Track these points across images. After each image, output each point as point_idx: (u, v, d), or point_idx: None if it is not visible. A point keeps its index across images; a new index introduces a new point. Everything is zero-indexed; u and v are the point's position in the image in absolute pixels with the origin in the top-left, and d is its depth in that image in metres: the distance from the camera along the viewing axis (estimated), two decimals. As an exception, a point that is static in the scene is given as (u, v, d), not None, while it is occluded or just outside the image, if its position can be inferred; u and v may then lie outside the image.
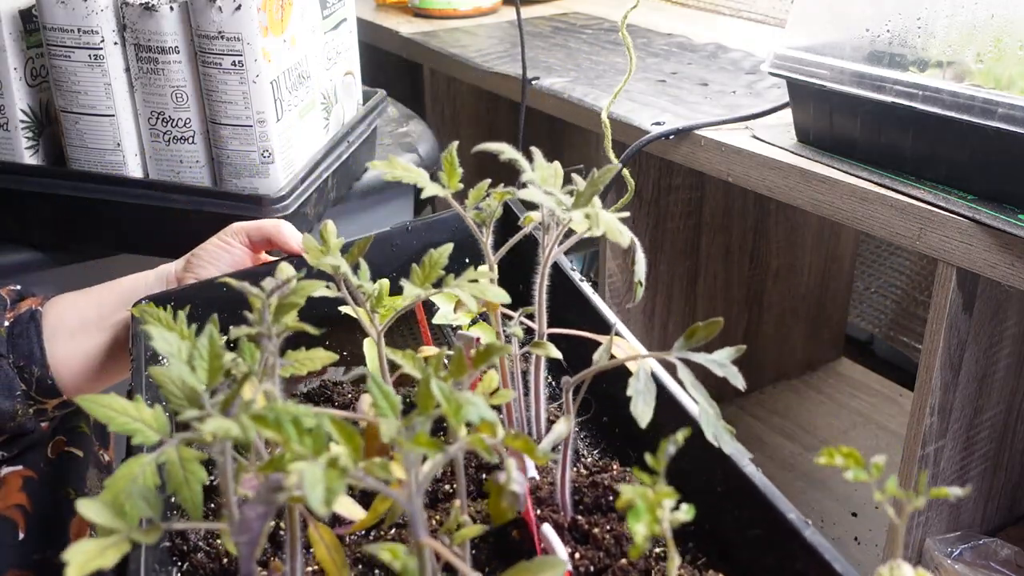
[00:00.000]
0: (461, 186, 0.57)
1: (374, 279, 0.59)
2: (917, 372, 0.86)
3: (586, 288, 0.67)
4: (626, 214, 0.49)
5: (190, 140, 0.94)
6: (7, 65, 0.91)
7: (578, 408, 0.52)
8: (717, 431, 0.46)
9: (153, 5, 0.88)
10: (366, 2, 1.75)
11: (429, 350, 0.61)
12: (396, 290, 0.58)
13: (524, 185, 0.51)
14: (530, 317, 0.56)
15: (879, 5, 0.84)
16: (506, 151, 0.52)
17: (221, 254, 0.78)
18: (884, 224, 0.82)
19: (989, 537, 0.96)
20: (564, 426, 0.48)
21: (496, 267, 0.57)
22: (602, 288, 1.23)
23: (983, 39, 0.77)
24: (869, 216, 0.84)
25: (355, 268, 0.55)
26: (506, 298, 0.51)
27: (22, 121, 0.95)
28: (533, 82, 1.24)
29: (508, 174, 0.56)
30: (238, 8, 0.87)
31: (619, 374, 0.48)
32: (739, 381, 0.44)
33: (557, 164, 0.52)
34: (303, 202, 1.00)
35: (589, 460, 0.59)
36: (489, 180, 0.57)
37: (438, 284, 0.54)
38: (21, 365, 0.73)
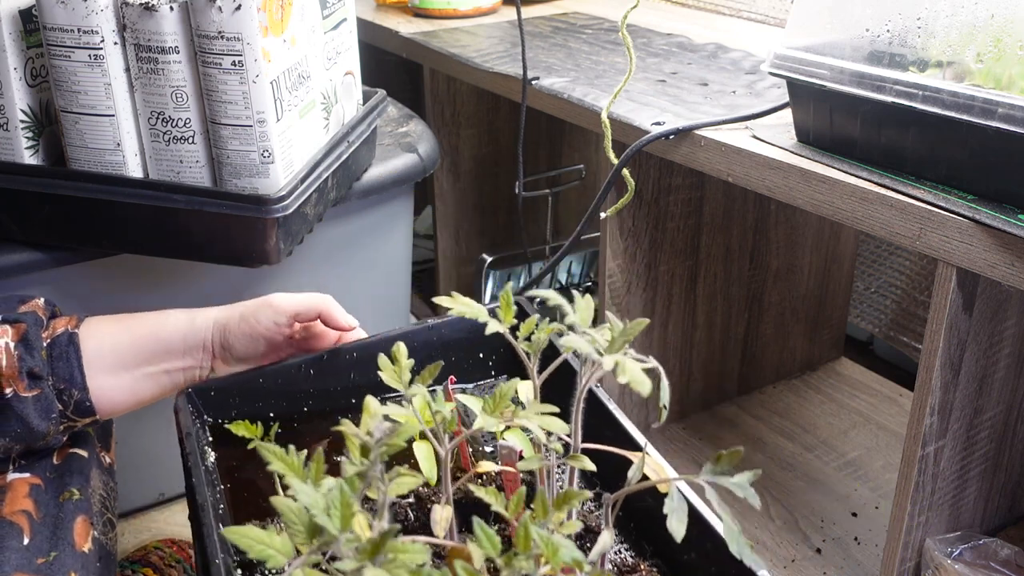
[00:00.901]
0: (515, 321, 0.66)
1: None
2: (917, 372, 0.86)
3: (616, 411, 0.78)
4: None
5: (190, 140, 0.94)
6: (7, 65, 0.91)
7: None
8: (740, 547, 0.55)
9: (153, 5, 0.88)
10: (366, 2, 1.75)
11: (487, 465, 0.70)
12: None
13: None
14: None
15: (879, 5, 0.84)
16: (552, 298, 0.62)
17: (259, 330, 0.81)
18: (884, 224, 0.82)
19: (989, 537, 0.96)
20: (608, 538, 0.54)
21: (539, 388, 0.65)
22: (602, 288, 1.23)
23: (983, 39, 0.77)
24: (869, 216, 0.84)
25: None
26: (565, 428, 0.59)
27: (22, 121, 0.95)
28: (533, 82, 1.24)
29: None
30: (238, 8, 0.87)
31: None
32: (756, 502, 0.53)
33: (589, 299, 0.62)
34: (303, 202, 1.00)
35: (618, 559, 0.69)
36: (538, 316, 0.67)
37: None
38: (61, 388, 0.75)
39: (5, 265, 1.01)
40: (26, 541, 0.72)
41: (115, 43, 0.91)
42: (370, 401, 0.60)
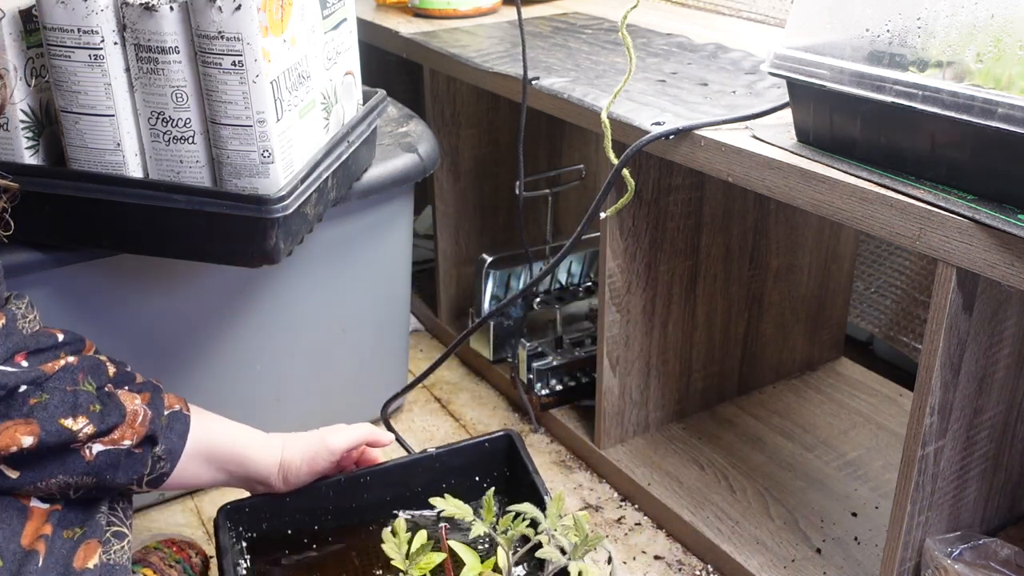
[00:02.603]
0: (495, 519, 0.90)
1: (404, 496, 1.02)
2: (917, 372, 0.86)
3: None
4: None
5: (190, 140, 0.95)
6: (7, 65, 0.91)
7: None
8: None
9: (153, 5, 0.88)
10: (366, 2, 1.75)
11: None
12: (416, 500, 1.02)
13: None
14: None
15: (879, 5, 0.84)
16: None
17: (316, 470, 0.97)
18: (884, 224, 0.82)
19: (989, 537, 0.96)
20: None
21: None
22: (602, 288, 1.23)
23: (983, 39, 0.77)
24: (869, 216, 0.84)
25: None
26: None
27: (22, 121, 0.95)
28: (533, 82, 1.24)
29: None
30: (238, 8, 0.87)
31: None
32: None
33: (561, 496, 0.88)
34: (303, 202, 1.00)
35: None
36: (514, 513, 0.88)
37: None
38: (160, 456, 0.83)
39: (5, 265, 1.01)
40: (39, 564, 0.74)
41: (115, 43, 0.91)
42: (399, 522, 0.88)
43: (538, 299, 1.54)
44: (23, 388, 0.74)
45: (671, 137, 1.02)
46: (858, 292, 1.58)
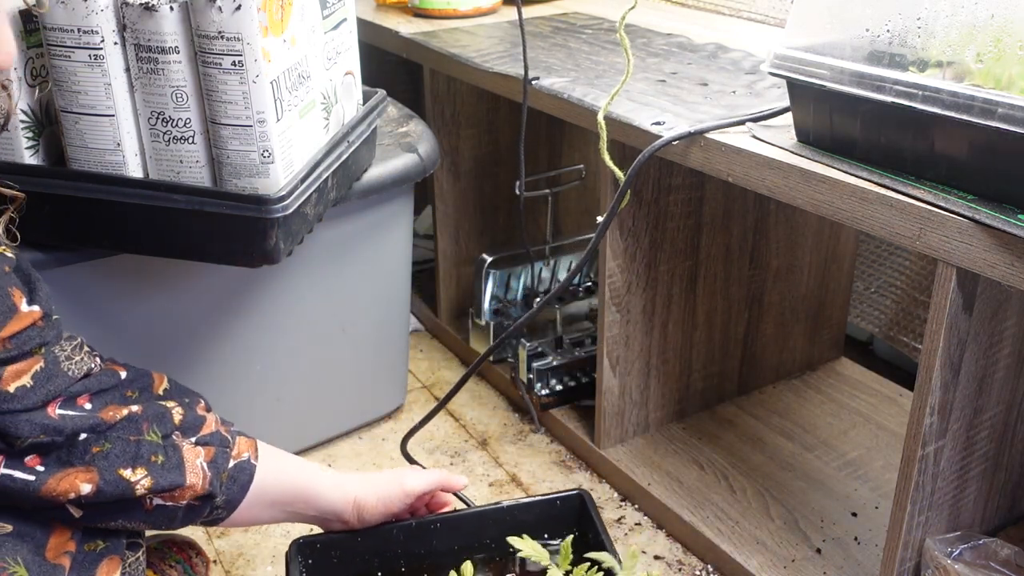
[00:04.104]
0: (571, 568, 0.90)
1: (473, 546, 1.03)
2: (917, 372, 0.86)
3: None
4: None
5: (190, 140, 0.95)
6: (11, 75, 0.91)
7: None
8: None
9: (153, 5, 0.88)
10: (366, 2, 1.75)
11: None
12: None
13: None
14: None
15: (879, 5, 0.84)
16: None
17: (392, 510, 0.98)
18: (884, 224, 0.82)
19: (989, 537, 0.96)
20: None
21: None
22: (602, 288, 1.23)
23: (983, 39, 0.77)
24: (869, 216, 0.84)
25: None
26: None
27: (22, 121, 0.95)
28: (533, 82, 1.24)
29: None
30: (238, 8, 0.87)
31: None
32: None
33: (635, 552, 0.89)
34: (303, 202, 1.00)
35: None
36: (590, 563, 0.88)
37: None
38: (219, 506, 0.84)
39: (5, 265, 1.01)
40: None
41: (115, 43, 0.91)
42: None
43: (538, 299, 1.54)
44: (83, 436, 0.75)
45: (676, 143, 1.01)
46: (858, 292, 1.58)
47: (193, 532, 1.25)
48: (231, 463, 0.84)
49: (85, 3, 0.88)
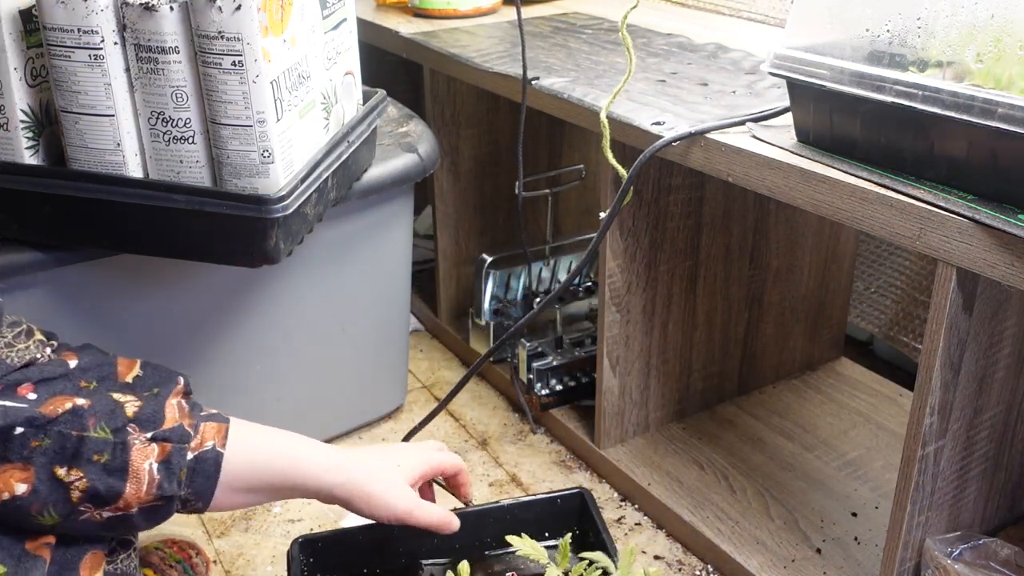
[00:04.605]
0: (569, 567, 0.93)
1: (474, 544, 1.03)
2: (917, 372, 0.86)
3: None
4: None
5: (190, 140, 0.95)
6: (7, 65, 0.91)
7: None
8: None
9: (153, 5, 0.88)
10: (366, 2, 1.75)
11: None
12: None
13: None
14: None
15: (879, 5, 0.84)
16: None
17: (376, 517, 0.90)
18: (884, 224, 0.82)
19: (989, 537, 0.96)
20: None
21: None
22: (602, 288, 1.23)
23: (983, 39, 0.77)
24: (869, 216, 0.84)
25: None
26: None
27: (22, 121, 0.95)
28: (533, 82, 1.24)
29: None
30: (238, 8, 0.87)
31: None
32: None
33: (632, 549, 0.90)
34: (303, 202, 1.00)
35: None
36: (588, 561, 0.89)
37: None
38: (188, 499, 0.79)
39: (5, 265, 1.01)
40: (47, 570, 0.72)
41: (115, 43, 0.91)
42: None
43: (538, 299, 1.54)
44: (20, 430, 0.69)
45: (676, 143, 1.01)
46: (858, 292, 1.58)
47: (193, 532, 1.24)
48: (189, 457, 0.77)
49: (85, 3, 0.88)
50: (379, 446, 0.95)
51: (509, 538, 0.93)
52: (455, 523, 0.94)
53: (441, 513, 0.93)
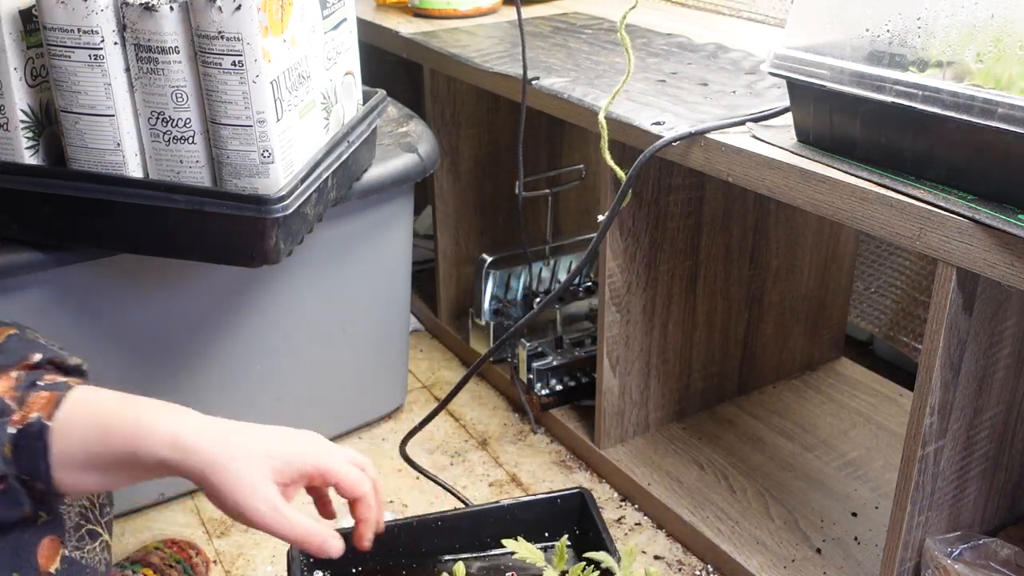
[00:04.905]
0: (566, 569, 0.92)
1: (473, 544, 1.03)
2: (917, 372, 0.86)
3: None
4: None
5: (190, 140, 0.95)
6: (7, 65, 0.91)
7: None
8: None
9: (153, 5, 0.88)
10: (366, 2, 1.75)
11: None
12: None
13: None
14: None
15: (879, 5, 0.84)
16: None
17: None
18: (884, 224, 0.82)
19: (989, 537, 0.96)
20: None
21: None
22: (602, 288, 1.23)
23: (983, 39, 0.77)
24: (869, 216, 0.84)
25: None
26: None
27: (22, 121, 0.95)
28: (533, 82, 1.24)
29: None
30: (238, 8, 0.87)
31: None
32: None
33: (631, 550, 0.90)
34: (303, 202, 1.00)
35: None
36: (586, 562, 0.86)
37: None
38: (25, 479, 0.68)
39: (5, 265, 1.01)
40: None
41: (115, 43, 0.91)
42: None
43: (538, 299, 1.54)
44: None
45: (677, 143, 1.01)
46: (858, 292, 1.58)
47: (193, 532, 1.25)
48: (12, 431, 0.66)
49: (85, 3, 0.88)
50: (264, 426, 0.76)
51: (505, 541, 0.93)
52: (330, 544, 0.73)
53: (306, 528, 0.71)
